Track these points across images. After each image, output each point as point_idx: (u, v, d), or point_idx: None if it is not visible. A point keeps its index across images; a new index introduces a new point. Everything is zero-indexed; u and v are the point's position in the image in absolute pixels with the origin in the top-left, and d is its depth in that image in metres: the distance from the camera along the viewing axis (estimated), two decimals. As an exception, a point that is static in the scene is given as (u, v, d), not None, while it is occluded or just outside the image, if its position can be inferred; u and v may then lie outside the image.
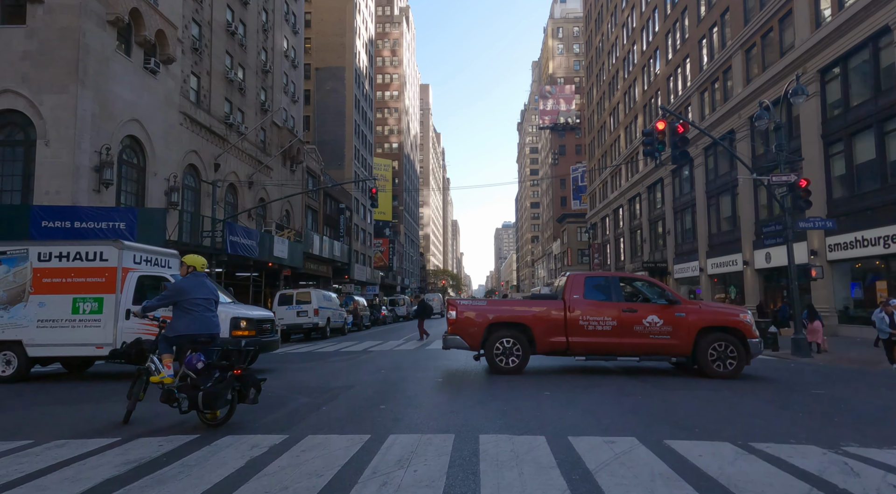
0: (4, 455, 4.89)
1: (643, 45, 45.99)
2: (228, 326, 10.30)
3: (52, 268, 10.42)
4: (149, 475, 4.20)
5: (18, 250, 10.55)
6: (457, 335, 10.20)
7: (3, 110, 19.14)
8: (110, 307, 10.30)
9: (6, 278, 10.46)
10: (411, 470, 4.23)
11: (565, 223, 78.63)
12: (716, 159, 32.15)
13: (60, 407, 7.46)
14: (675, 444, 5.00)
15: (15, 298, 10.40)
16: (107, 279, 10.36)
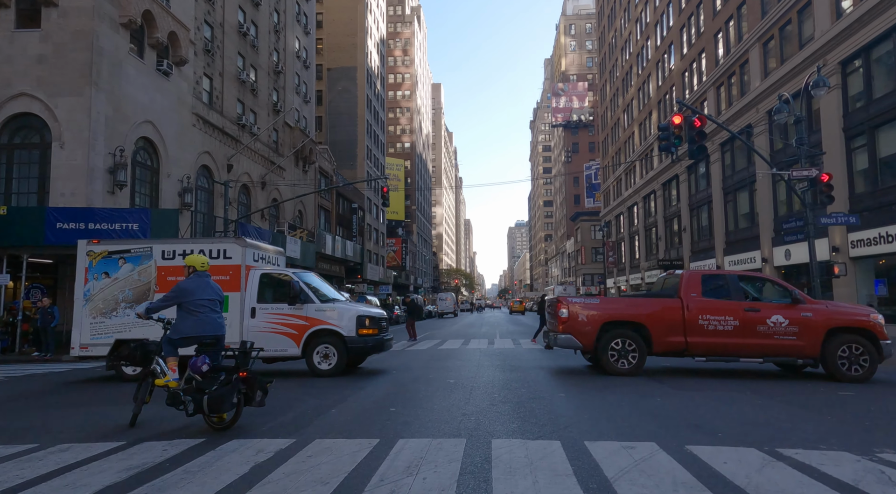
0: (8, 459, 4.81)
1: (657, 40, 45.37)
2: (355, 324, 10.18)
3: (176, 266, 10.39)
4: (150, 482, 4.07)
5: (142, 248, 10.56)
6: (569, 334, 9.81)
7: (19, 114, 19.35)
8: (236, 306, 10.23)
9: (131, 276, 10.48)
10: (420, 478, 4.06)
11: (579, 221, 77.99)
12: (733, 155, 31.57)
13: (72, 410, 7.41)
14: (698, 450, 4.77)
15: (140, 296, 10.40)
16: (231, 277, 10.30)
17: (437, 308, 55.73)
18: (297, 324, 10.21)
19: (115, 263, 10.58)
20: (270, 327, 10.21)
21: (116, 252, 10.61)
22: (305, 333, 10.19)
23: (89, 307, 10.55)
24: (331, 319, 10.21)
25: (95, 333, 10.48)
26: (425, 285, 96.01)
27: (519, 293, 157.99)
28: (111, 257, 10.60)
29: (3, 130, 19.43)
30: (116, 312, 10.42)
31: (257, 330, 10.21)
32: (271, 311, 10.29)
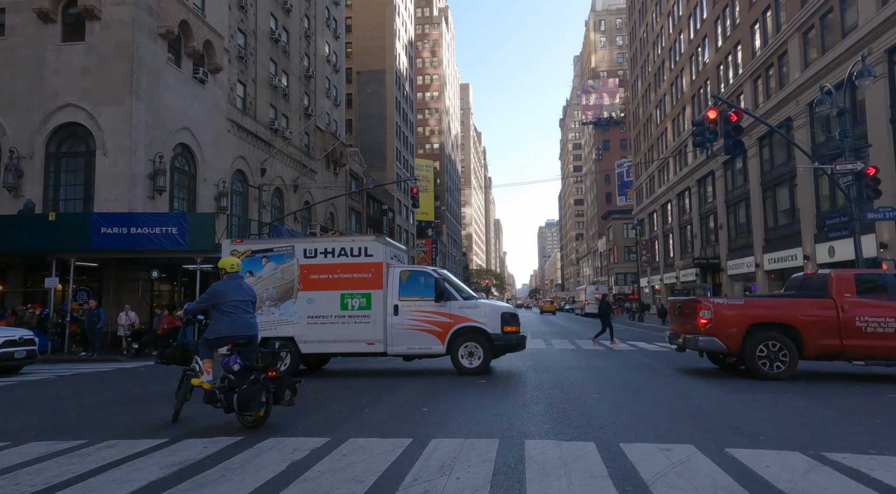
0: (60, 454, 5.03)
1: (690, 34, 44.31)
2: (500, 321, 10.12)
3: (318, 264, 10.48)
4: (191, 477, 4.20)
5: (285, 247, 10.66)
6: (711, 336, 9.37)
7: (65, 124, 20.21)
8: (378, 303, 10.27)
9: (274, 275, 10.56)
10: (454, 477, 4.07)
11: (611, 220, 76.79)
12: (771, 149, 30.58)
13: (117, 407, 7.69)
14: (738, 453, 4.64)
15: (284, 294, 10.51)
16: (373, 275, 10.33)
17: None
18: (441, 321, 10.20)
19: (258, 262, 10.68)
20: (414, 324, 10.22)
21: (259, 251, 10.72)
22: (450, 330, 10.17)
23: None
24: (475, 316, 10.18)
25: None
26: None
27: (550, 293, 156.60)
28: (254, 257, 10.70)
29: (52, 139, 20.32)
30: (261, 310, 10.41)
31: (401, 328, 10.23)
32: (414, 308, 10.29)
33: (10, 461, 4.84)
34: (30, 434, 5.95)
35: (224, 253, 10.82)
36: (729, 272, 35.96)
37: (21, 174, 19.98)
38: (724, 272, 36.83)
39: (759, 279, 31.53)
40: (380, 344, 10.21)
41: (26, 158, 20.04)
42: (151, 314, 19.67)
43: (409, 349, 10.25)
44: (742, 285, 34.66)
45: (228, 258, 6.56)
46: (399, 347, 10.28)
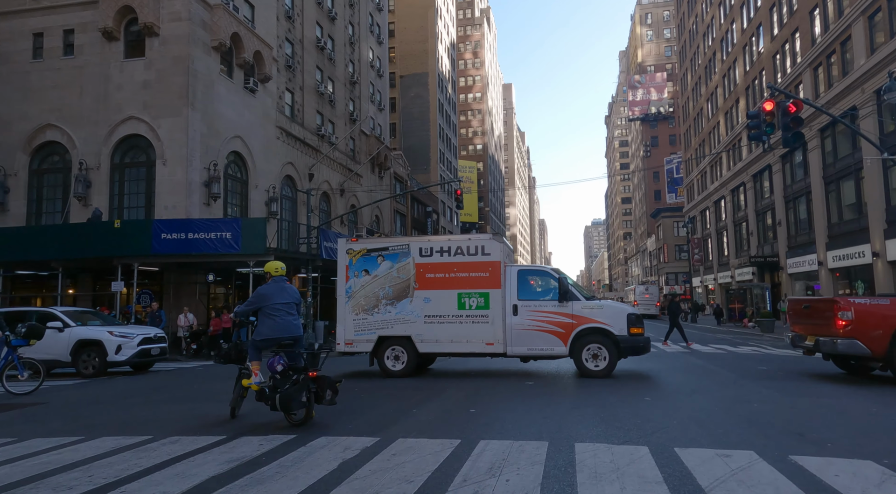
0: (128, 448, 5.32)
1: (743, 23, 42.52)
2: (626, 322, 9.79)
3: (434, 263, 10.43)
4: (248, 474, 4.35)
5: (400, 246, 10.68)
6: (853, 339, 8.72)
7: (128, 135, 21.37)
8: (497, 303, 10.13)
9: (390, 273, 10.59)
10: (503, 479, 4.04)
11: (660, 218, 74.55)
12: (834, 140, 28.93)
13: (178, 405, 8.06)
14: (804, 460, 4.41)
15: (400, 293, 10.52)
16: (490, 274, 10.20)
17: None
18: (563, 322, 9.93)
19: (374, 260, 10.73)
20: (535, 325, 10.00)
21: (375, 250, 10.78)
22: (573, 331, 9.88)
23: (351, 304, 10.77)
24: (600, 317, 9.86)
25: (359, 329, 10.67)
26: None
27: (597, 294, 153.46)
28: (370, 255, 10.77)
29: (116, 150, 21.52)
30: (378, 309, 10.55)
31: (521, 328, 10.04)
32: (534, 308, 10.08)
33: (85, 454, 5.15)
34: (101, 429, 6.31)
35: (340, 252, 10.98)
36: (789, 271, 34.25)
37: (89, 185, 21.26)
38: (783, 271, 35.11)
39: (823, 278, 29.87)
40: (499, 345, 10.05)
41: (94, 170, 21.31)
42: (208, 315, 20.50)
43: (530, 349, 10.02)
44: (803, 284, 32.93)
45: (273, 262, 6.75)
46: (519, 348, 10.08)
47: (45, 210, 22.15)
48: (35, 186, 22.29)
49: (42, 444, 5.63)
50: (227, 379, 10.90)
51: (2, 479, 4.42)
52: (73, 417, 7.29)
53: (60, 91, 21.90)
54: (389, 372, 10.43)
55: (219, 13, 22.15)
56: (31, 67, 22.30)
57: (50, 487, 4.18)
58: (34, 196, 22.23)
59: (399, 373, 10.37)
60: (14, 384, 9.81)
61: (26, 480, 4.37)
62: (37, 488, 4.17)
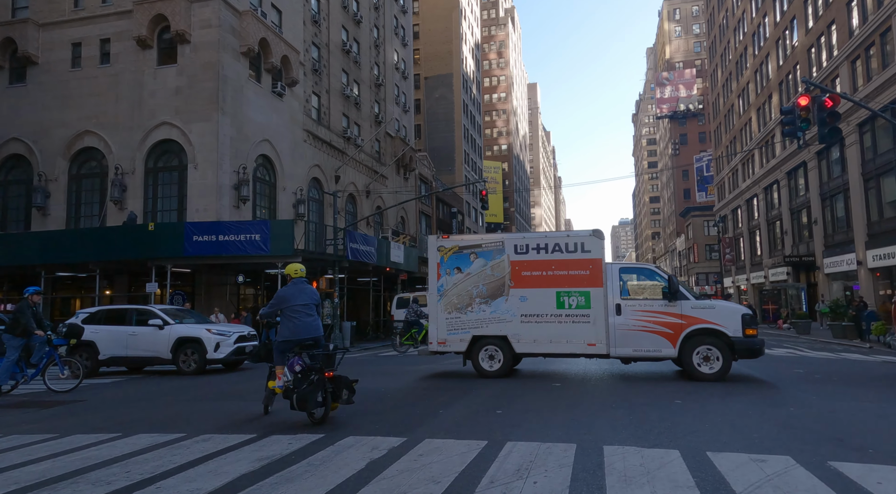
0: (163, 446, 5.46)
1: (776, 16, 41.38)
2: (740, 324, 9.26)
3: (530, 261, 10.15)
4: (278, 472, 4.42)
5: (494, 243, 10.42)
6: None
7: (161, 140, 21.96)
8: (598, 302, 9.81)
9: (484, 271, 10.33)
10: (531, 481, 4.02)
11: (690, 217, 73.05)
12: (874, 136, 27.90)
13: (209, 403, 8.24)
14: (844, 467, 4.26)
15: (495, 292, 10.26)
16: (591, 272, 9.88)
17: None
18: (671, 322, 9.49)
19: (466, 258, 10.49)
20: (640, 325, 9.61)
21: (467, 247, 10.54)
22: (682, 332, 9.42)
23: (444, 303, 10.51)
24: (712, 317, 9.37)
25: (452, 328, 10.43)
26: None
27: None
28: (462, 253, 10.53)
29: (150, 155, 22.14)
30: (471, 307, 10.32)
31: (625, 328, 9.67)
32: (639, 308, 9.71)
33: (122, 450, 5.31)
34: (137, 427, 6.50)
35: (430, 249, 10.74)
36: (826, 271, 33.16)
37: (125, 189, 21.91)
38: (819, 271, 34.01)
39: (862, 278, 28.85)
40: (602, 345, 9.73)
41: (129, 174, 21.96)
42: (238, 316, 20.91)
43: (635, 350, 9.64)
44: (842, 284, 31.85)
45: (293, 264, 6.95)
46: (623, 349, 9.71)
47: (83, 214, 22.92)
48: (74, 190, 23.09)
49: (82, 440, 5.83)
50: (256, 379, 11.10)
51: (45, 473, 4.59)
52: (111, 414, 7.52)
53: (97, 98, 22.63)
54: (485, 373, 10.19)
55: (247, 19, 22.59)
56: (69, 75, 23.12)
57: (90, 482, 4.32)
58: (73, 200, 23.02)
59: (494, 374, 10.10)
60: (55, 382, 10.17)
61: (68, 474, 4.53)
62: (77, 482, 4.32)
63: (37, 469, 4.75)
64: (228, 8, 22.08)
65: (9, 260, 20.04)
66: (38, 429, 6.57)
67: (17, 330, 9.65)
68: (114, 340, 12.61)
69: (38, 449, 5.47)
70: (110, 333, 12.69)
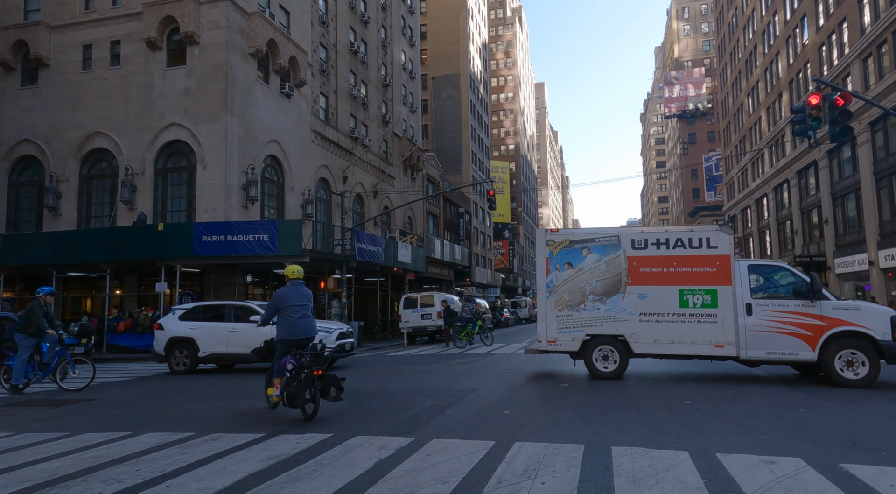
0: (173, 444, 5.50)
1: (787, 14, 41.03)
2: (890, 326, 8.63)
3: (649, 256, 9.71)
4: (286, 471, 4.44)
5: (609, 237, 9.98)
6: None
7: (171, 141, 22.11)
8: (726, 301, 9.29)
9: (598, 267, 9.90)
10: (538, 482, 4.01)
11: (698, 217, 72.63)
12: (886, 134, 27.60)
13: (218, 402, 8.29)
14: (856, 469, 4.21)
15: (610, 289, 9.80)
16: (718, 269, 9.37)
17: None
18: (810, 324, 8.92)
19: (578, 252, 10.05)
20: (774, 326, 9.06)
21: (579, 241, 10.10)
22: (823, 335, 8.84)
23: (553, 300, 10.09)
24: (857, 319, 8.78)
25: (563, 326, 10.00)
26: (534, 288, 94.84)
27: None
28: (573, 247, 10.09)
29: (159, 156, 22.30)
30: (584, 305, 9.89)
31: (757, 329, 9.12)
32: (772, 308, 9.14)
33: (132, 449, 5.35)
34: (147, 425, 6.55)
35: (538, 243, 10.35)
36: (837, 271, 32.85)
37: (135, 189, 22.09)
38: (830, 271, 33.69)
39: (874, 278, 28.54)
40: (730, 347, 9.20)
41: (139, 175, 22.13)
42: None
43: (769, 353, 9.09)
44: (853, 284, 31.53)
45: (292, 266, 7.19)
46: (755, 351, 9.16)
47: (93, 214, 23.13)
48: (85, 191, 23.30)
49: (92, 438, 5.88)
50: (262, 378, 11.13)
51: (56, 471, 4.64)
52: (121, 413, 7.59)
53: (108, 100, 22.83)
54: (598, 374, 9.74)
55: (256, 20, 22.70)
56: (80, 77, 23.34)
57: (101, 480, 4.36)
58: (84, 201, 23.24)
59: (609, 375, 9.67)
60: (66, 381, 10.27)
61: (79, 473, 4.57)
62: (88, 480, 4.36)
63: (48, 466, 4.80)
64: (237, 9, 22.20)
65: (21, 260, 20.27)
66: (50, 428, 6.64)
67: (30, 330, 9.76)
68: (213, 336, 12.40)
69: (50, 447, 5.53)
70: (210, 329, 12.49)
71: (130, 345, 19.29)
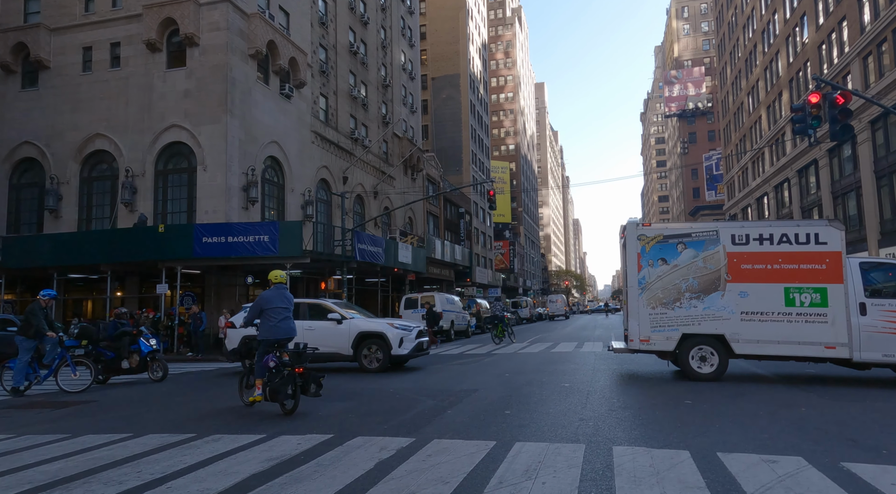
0: (174, 446, 5.51)
1: (786, 13, 41.02)
2: None
3: (751, 253, 9.29)
4: (288, 472, 4.44)
5: (706, 232, 9.58)
6: None
7: (171, 143, 22.12)
8: (837, 300, 8.89)
9: (694, 263, 9.50)
10: (539, 482, 4.00)
11: (699, 216, 72.61)
12: (886, 132, 27.58)
13: (220, 402, 8.29)
14: (857, 468, 4.21)
15: (708, 286, 9.38)
16: (828, 267, 8.99)
17: (547, 311, 54.91)
18: None
19: (672, 248, 9.67)
20: (892, 326, 8.68)
21: (674, 236, 9.72)
22: None
23: (646, 297, 9.71)
24: None
25: (656, 325, 9.60)
26: (534, 288, 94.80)
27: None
28: (667, 242, 9.71)
29: (160, 157, 22.32)
30: (680, 303, 9.48)
31: (873, 330, 8.70)
32: (888, 307, 8.73)
33: (133, 450, 5.35)
34: (147, 427, 6.55)
35: (629, 237, 9.96)
36: (838, 270, 32.77)
37: (135, 191, 22.10)
38: (832, 270, 33.60)
39: (875, 277, 28.47)
40: (843, 349, 8.79)
41: (139, 176, 22.15)
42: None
43: (885, 356, 8.68)
44: (854, 283, 31.42)
45: (275, 271, 7.62)
46: (871, 353, 8.72)
47: (94, 216, 23.14)
48: (85, 193, 23.32)
49: (93, 440, 5.89)
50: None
51: (58, 473, 4.64)
52: (122, 414, 7.59)
53: (108, 102, 22.85)
54: (695, 375, 9.32)
55: (255, 22, 22.72)
56: (81, 79, 23.36)
57: (101, 482, 4.36)
58: (84, 203, 23.25)
59: (707, 377, 9.25)
60: (67, 383, 10.28)
61: (80, 474, 4.58)
62: (89, 482, 4.36)
63: (50, 468, 4.80)
64: (237, 10, 22.21)
65: (22, 262, 20.29)
66: (51, 429, 6.65)
67: (30, 332, 9.77)
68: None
69: (51, 449, 5.54)
70: None
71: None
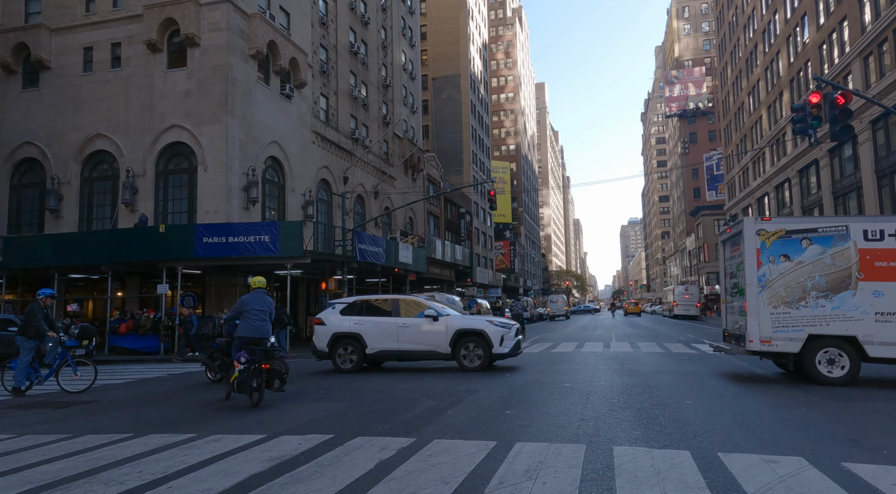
0: (174, 446, 5.51)
1: (787, 13, 41.00)
2: None
3: (887, 249, 8.80)
4: (288, 472, 4.44)
5: (834, 227, 9.09)
6: None
7: (172, 143, 22.12)
8: None
9: (821, 260, 9.01)
10: (540, 482, 4.00)
11: (700, 216, 72.54)
12: (887, 132, 27.56)
13: (219, 403, 8.28)
14: (858, 468, 4.21)
15: (837, 284, 8.87)
16: None
17: (548, 311, 54.90)
18: None
19: (796, 244, 9.17)
20: None
21: (797, 231, 9.20)
22: None
23: (766, 295, 9.17)
24: None
25: (778, 325, 9.05)
26: (535, 288, 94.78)
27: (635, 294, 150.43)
28: (790, 238, 9.20)
29: (161, 158, 22.32)
30: (805, 302, 8.97)
31: None
32: None
33: (133, 450, 5.36)
34: (148, 427, 6.55)
35: (747, 233, 9.47)
36: (839, 270, 32.75)
37: (136, 191, 22.11)
38: (832, 270, 33.58)
39: (876, 277, 28.45)
40: None
41: (140, 176, 22.16)
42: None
43: None
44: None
45: (256, 277, 8.31)
46: None
47: (95, 216, 23.15)
48: (86, 193, 23.33)
49: (94, 440, 5.89)
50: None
51: (59, 473, 4.64)
52: (122, 414, 7.60)
53: (109, 102, 22.86)
54: (823, 379, 8.78)
55: (256, 22, 22.72)
56: (81, 79, 23.37)
57: (102, 482, 4.36)
58: (85, 203, 23.26)
59: (836, 381, 8.74)
60: (68, 383, 10.28)
61: (81, 474, 4.58)
62: (90, 482, 4.36)
63: (51, 468, 4.80)
64: (237, 11, 22.22)
65: (22, 262, 20.29)
66: (52, 429, 6.65)
67: (30, 332, 9.77)
68: (382, 332, 11.71)
69: (52, 449, 5.54)
70: (377, 325, 11.77)
71: (132, 347, 19.29)
